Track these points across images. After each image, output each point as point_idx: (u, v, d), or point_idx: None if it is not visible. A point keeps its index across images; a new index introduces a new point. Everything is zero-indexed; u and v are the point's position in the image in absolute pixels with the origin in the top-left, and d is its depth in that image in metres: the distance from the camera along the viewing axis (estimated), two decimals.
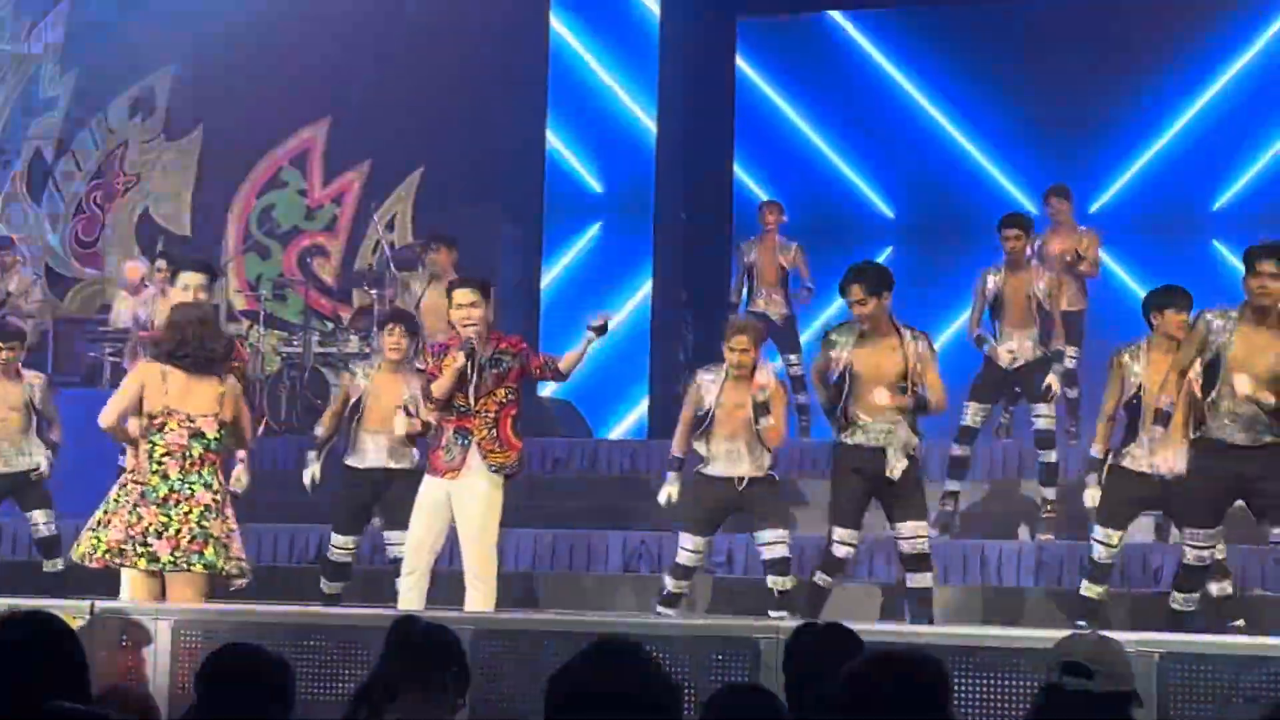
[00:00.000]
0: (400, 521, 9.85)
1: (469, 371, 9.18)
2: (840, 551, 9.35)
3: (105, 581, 10.64)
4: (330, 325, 15.46)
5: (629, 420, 16.41)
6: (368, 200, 16.37)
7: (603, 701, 3.54)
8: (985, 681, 6.68)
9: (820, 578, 9.44)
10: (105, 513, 8.40)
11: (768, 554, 9.69)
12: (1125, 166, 16.15)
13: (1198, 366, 8.65)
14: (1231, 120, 15.90)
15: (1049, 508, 11.37)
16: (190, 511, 8.31)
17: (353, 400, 10.51)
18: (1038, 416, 11.45)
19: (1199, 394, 8.66)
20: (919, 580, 9.29)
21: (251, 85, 16.48)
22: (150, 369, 8.49)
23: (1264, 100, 15.83)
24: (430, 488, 9.32)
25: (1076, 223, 13.26)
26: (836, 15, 17.09)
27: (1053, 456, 11.39)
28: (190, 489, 8.32)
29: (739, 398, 9.82)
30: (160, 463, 8.34)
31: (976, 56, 16.37)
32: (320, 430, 10.68)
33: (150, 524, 8.28)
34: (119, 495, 8.41)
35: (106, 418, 8.46)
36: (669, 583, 9.90)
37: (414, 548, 9.40)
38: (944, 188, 16.19)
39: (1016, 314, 11.44)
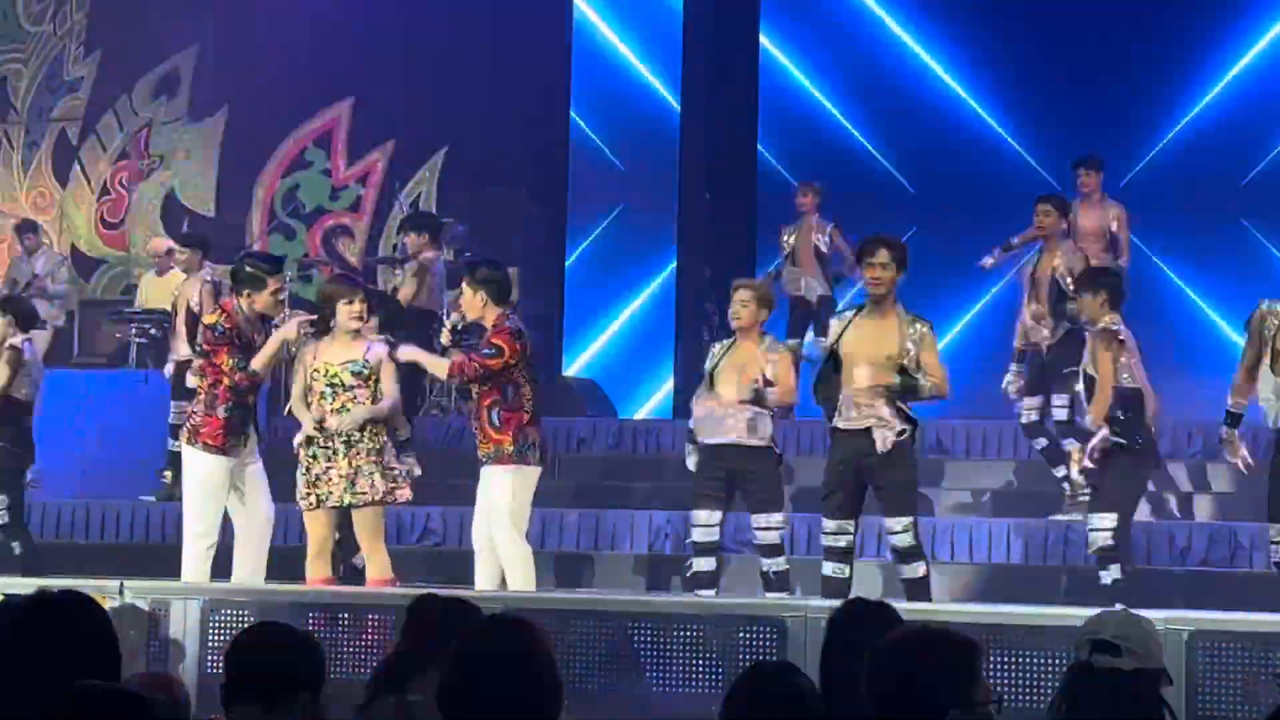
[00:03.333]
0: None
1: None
2: (839, 542, 8.98)
3: (80, 560, 10.69)
4: None
5: (654, 400, 16.39)
6: (392, 180, 16.37)
7: None
8: (1015, 659, 6.68)
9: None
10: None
11: (761, 539, 9.63)
12: (1153, 143, 16.05)
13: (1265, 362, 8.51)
14: (1260, 96, 15.80)
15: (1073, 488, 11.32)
16: None
17: None
18: (1056, 408, 11.32)
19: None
20: (908, 571, 8.99)
21: (276, 65, 16.48)
22: None
23: None
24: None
25: (1106, 195, 13.10)
26: None
27: (1072, 443, 11.33)
28: None
29: (741, 359, 9.63)
30: None
31: (1002, 32, 16.30)
32: None
33: None
34: None
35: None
36: (696, 563, 9.79)
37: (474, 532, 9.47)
38: (969, 165, 16.12)
39: (1044, 294, 11.37)
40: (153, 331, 14.04)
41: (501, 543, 9.13)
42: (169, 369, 12.77)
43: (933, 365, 8.93)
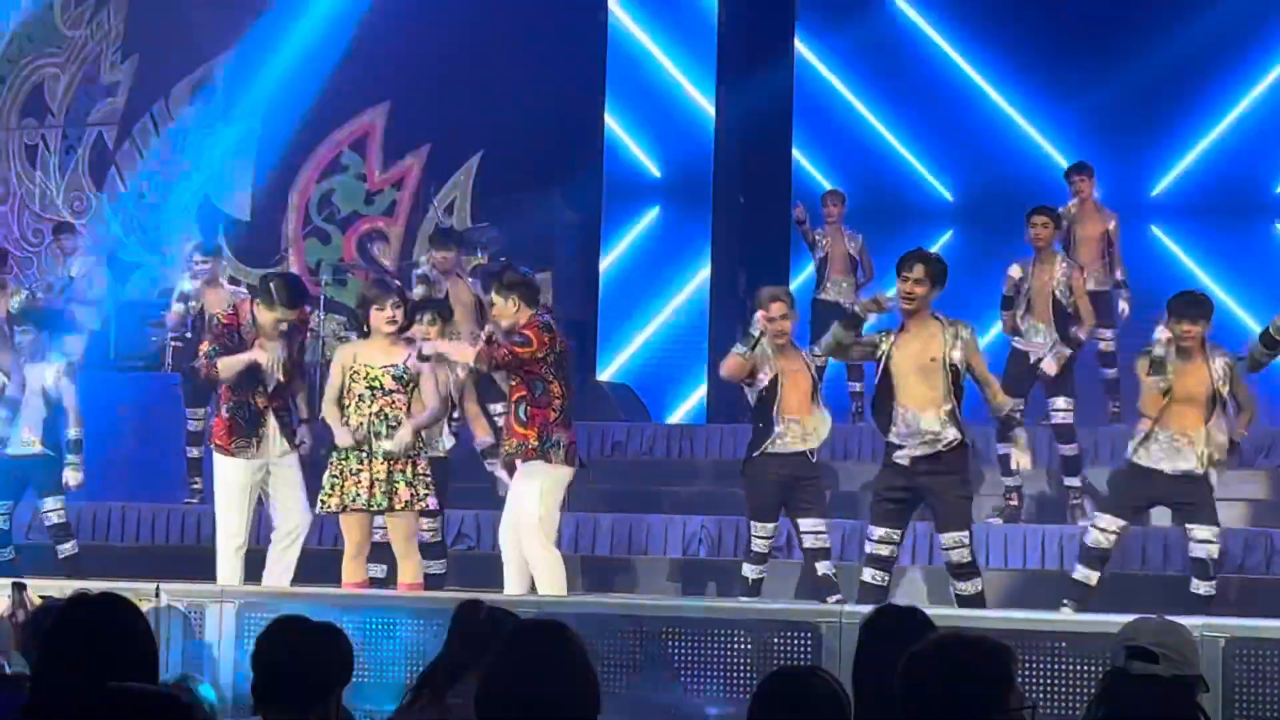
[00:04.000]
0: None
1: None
2: (882, 550, 8.95)
3: (125, 565, 10.68)
4: None
5: (687, 405, 16.39)
6: (427, 185, 16.40)
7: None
8: (1050, 666, 6.66)
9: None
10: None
11: (811, 542, 9.60)
12: (1186, 150, 16.03)
13: None
14: None
15: (1074, 495, 11.39)
16: None
17: None
18: (1055, 411, 11.38)
19: None
20: (967, 588, 8.97)
21: (311, 69, 16.52)
22: None
23: None
24: None
25: (1099, 203, 13.16)
26: None
27: (1073, 450, 11.37)
28: None
29: (793, 367, 9.69)
30: None
31: (1037, 39, 16.27)
32: None
33: None
34: None
35: None
36: (748, 569, 9.79)
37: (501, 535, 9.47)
38: (1004, 171, 16.10)
39: (1042, 306, 11.40)
40: (188, 335, 14.08)
41: (530, 549, 9.12)
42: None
43: (988, 376, 9.08)
